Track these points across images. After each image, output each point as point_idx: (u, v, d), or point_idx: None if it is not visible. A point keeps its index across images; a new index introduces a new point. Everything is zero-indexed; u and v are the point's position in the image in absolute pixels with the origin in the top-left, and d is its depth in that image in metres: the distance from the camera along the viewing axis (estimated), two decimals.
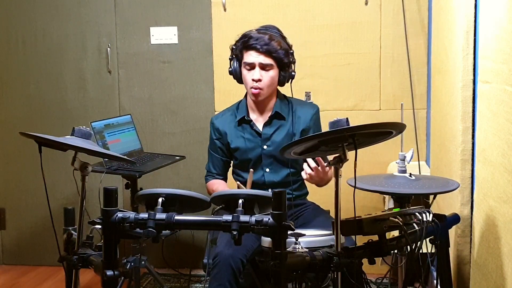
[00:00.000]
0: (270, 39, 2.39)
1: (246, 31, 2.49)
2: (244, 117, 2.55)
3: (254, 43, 2.39)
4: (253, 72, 2.43)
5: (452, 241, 2.18)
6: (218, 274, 2.17)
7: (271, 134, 2.53)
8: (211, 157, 2.68)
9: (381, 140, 1.86)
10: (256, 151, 2.54)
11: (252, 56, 2.41)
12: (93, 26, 3.62)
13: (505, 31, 1.62)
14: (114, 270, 1.65)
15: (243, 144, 2.54)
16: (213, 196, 1.84)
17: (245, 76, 2.45)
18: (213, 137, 2.64)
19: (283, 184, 2.52)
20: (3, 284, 3.55)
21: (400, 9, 3.30)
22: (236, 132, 2.56)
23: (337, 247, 1.73)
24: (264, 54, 2.39)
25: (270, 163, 2.53)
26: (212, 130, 2.64)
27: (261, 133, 2.53)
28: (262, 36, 2.39)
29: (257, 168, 2.54)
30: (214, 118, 2.66)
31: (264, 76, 2.42)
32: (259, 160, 2.54)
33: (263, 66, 2.41)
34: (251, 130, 2.55)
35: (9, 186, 3.82)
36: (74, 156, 1.83)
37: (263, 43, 2.38)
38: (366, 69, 3.39)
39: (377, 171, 3.23)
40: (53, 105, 3.71)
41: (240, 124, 2.56)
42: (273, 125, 2.54)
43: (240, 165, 2.59)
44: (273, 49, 2.39)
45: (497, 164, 1.69)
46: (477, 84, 2.02)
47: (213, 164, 2.67)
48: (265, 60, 2.40)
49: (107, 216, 1.65)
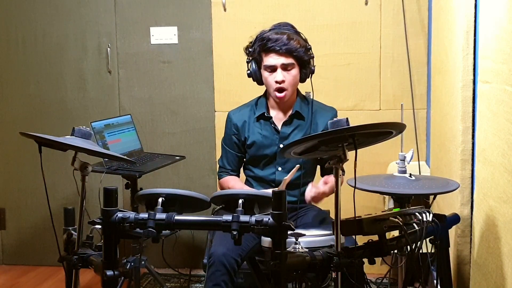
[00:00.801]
0: (288, 39, 2.37)
1: (261, 31, 2.46)
2: (264, 113, 2.54)
3: (273, 45, 2.37)
4: (275, 75, 2.41)
5: (452, 241, 2.18)
6: (213, 275, 2.17)
7: (289, 133, 2.53)
8: (226, 153, 2.64)
9: (381, 140, 1.86)
10: (272, 149, 2.53)
11: (273, 58, 2.39)
12: (93, 26, 3.62)
13: (505, 31, 1.62)
14: (114, 270, 1.65)
15: (260, 140, 2.54)
16: (213, 196, 1.84)
17: (267, 78, 2.44)
18: (229, 133, 2.61)
19: (292, 185, 2.49)
20: (3, 284, 3.55)
21: (400, 9, 3.30)
22: (254, 128, 2.55)
23: (337, 247, 1.73)
24: (285, 55, 2.38)
25: (283, 162, 2.53)
26: (229, 125, 2.61)
27: (279, 130, 2.53)
28: (280, 36, 2.37)
29: (269, 166, 2.54)
30: (231, 112, 2.63)
31: (287, 76, 2.42)
32: (273, 157, 2.54)
33: (285, 67, 2.41)
34: (270, 127, 2.54)
35: (9, 186, 3.82)
36: (74, 156, 1.83)
37: (282, 44, 2.36)
38: (366, 69, 3.39)
39: (377, 171, 3.23)
40: (53, 105, 3.71)
41: (258, 120, 2.56)
42: (293, 125, 2.54)
43: (253, 161, 2.58)
44: (293, 49, 2.38)
45: (497, 164, 1.69)
46: (477, 84, 2.02)
47: (228, 160, 2.63)
48: (286, 60, 2.39)
49: (107, 216, 1.65)
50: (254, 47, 2.44)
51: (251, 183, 2.60)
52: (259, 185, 2.57)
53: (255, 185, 2.58)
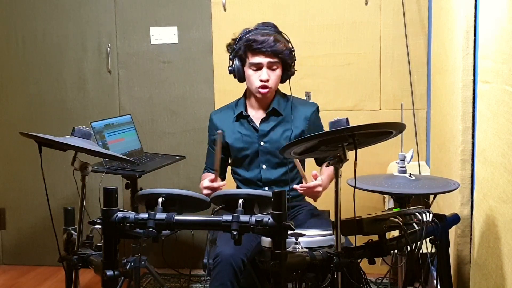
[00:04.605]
0: (275, 41, 2.41)
1: (245, 30, 2.49)
2: (241, 113, 2.56)
3: (260, 47, 2.40)
4: (260, 73, 2.45)
5: (452, 241, 2.18)
6: (219, 274, 2.17)
7: (268, 131, 2.54)
8: (209, 153, 2.69)
9: (381, 140, 1.86)
10: (253, 147, 2.54)
11: (259, 57, 2.43)
12: (93, 26, 3.62)
13: (505, 31, 1.62)
14: (114, 270, 1.65)
15: (240, 140, 2.55)
16: (213, 196, 1.84)
17: (251, 76, 2.46)
18: (211, 133, 2.65)
19: (279, 182, 2.52)
20: (3, 284, 3.55)
21: (400, 9, 3.30)
22: (233, 128, 2.57)
23: (337, 247, 1.73)
24: (271, 56, 2.42)
25: (266, 160, 2.54)
26: (210, 125, 2.65)
27: (258, 129, 2.54)
28: (267, 38, 2.40)
29: (253, 165, 2.55)
30: (213, 113, 2.68)
31: (271, 75, 2.45)
32: (255, 156, 2.55)
33: (271, 65, 2.44)
34: (248, 126, 2.56)
35: (9, 186, 3.82)
36: (74, 156, 1.83)
37: (269, 46, 2.40)
38: (366, 69, 3.39)
39: (377, 171, 3.23)
40: (53, 105, 3.71)
41: (237, 120, 2.57)
42: (271, 122, 2.55)
43: (237, 162, 2.59)
44: (279, 51, 2.42)
45: (497, 164, 1.69)
46: (477, 84, 2.02)
47: (210, 159, 2.66)
48: (272, 59, 2.43)
49: (107, 216, 1.65)
50: (239, 46, 2.46)
51: (240, 187, 2.61)
52: (247, 187, 2.58)
53: (243, 188, 2.59)
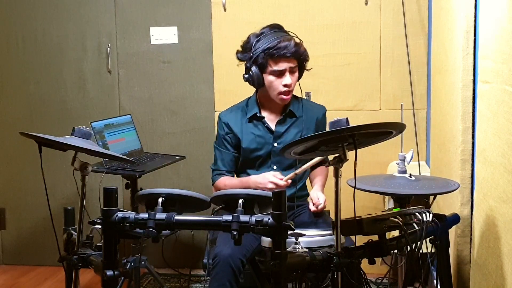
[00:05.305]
0: (295, 45, 2.43)
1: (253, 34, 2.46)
2: (256, 114, 2.55)
3: (284, 53, 2.40)
4: (283, 78, 2.44)
5: (452, 241, 2.18)
6: (218, 274, 2.17)
7: (283, 132, 2.54)
8: (221, 154, 2.59)
9: (381, 140, 1.86)
10: (266, 148, 2.54)
11: (282, 63, 2.42)
12: (93, 26, 3.62)
13: (505, 31, 1.62)
14: (114, 270, 1.65)
15: (254, 141, 2.54)
16: (213, 196, 1.84)
17: (273, 82, 2.45)
18: (222, 133, 2.58)
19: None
20: (3, 284, 3.55)
21: (400, 9, 3.30)
22: (247, 129, 2.55)
23: (337, 247, 1.73)
24: (292, 60, 2.44)
25: (278, 161, 2.54)
26: (220, 125, 2.59)
27: (273, 130, 2.54)
28: (288, 43, 2.41)
29: (264, 166, 2.55)
30: (222, 114, 2.62)
31: (292, 79, 2.47)
32: (268, 157, 2.55)
33: (292, 70, 2.46)
34: (262, 127, 2.55)
35: (9, 186, 3.82)
36: (74, 156, 1.83)
37: (293, 50, 2.41)
38: (366, 69, 3.39)
39: (377, 171, 3.23)
40: (53, 105, 3.71)
41: (251, 121, 2.56)
42: (286, 123, 2.55)
43: (248, 163, 2.57)
44: (301, 53, 2.45)
45: (497, 164, 1.69)
46: (477, 84, 2.02)
47: (223, 161, 2.58)
48: (293, 63, 2.45)
49: (107, 216, 1.65)
50: (256, 53, 2.42)
51: None
52: None
53: None
